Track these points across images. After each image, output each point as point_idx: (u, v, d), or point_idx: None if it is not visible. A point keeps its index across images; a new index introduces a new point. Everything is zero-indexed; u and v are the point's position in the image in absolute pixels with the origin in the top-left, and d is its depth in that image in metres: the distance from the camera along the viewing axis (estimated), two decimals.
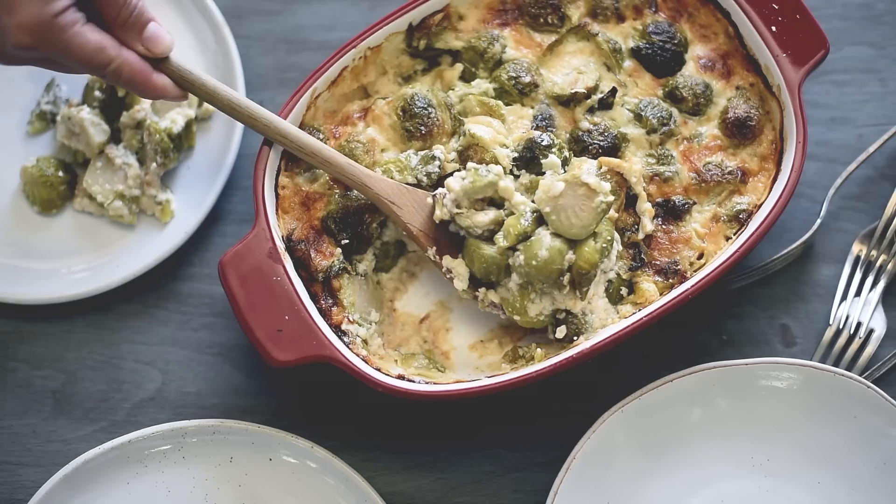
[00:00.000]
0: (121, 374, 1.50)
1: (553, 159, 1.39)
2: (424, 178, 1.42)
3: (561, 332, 1.37)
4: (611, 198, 1.35)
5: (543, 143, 1.40)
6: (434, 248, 1.39)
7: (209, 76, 1.37)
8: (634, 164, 1.42)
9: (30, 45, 1.24)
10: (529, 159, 1.40)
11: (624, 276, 1.40)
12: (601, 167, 1.40)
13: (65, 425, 1.48)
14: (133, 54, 1.30)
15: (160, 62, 1.33)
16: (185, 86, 1.35)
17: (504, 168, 1.40)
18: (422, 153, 1.42)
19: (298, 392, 1.48)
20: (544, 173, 1.39)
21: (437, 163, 1.42)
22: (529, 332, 1.44)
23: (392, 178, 1.42)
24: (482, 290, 1.38)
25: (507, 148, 1.41)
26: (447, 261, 1.39)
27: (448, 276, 1.39)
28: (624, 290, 1.39)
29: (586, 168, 1.40)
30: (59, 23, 1.24)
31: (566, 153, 1.41)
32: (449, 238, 1.40)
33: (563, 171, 1.39)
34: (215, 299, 1.52)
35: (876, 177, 1.56)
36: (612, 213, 1.37)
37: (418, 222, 1.39)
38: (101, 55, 1.27)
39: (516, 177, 1.40)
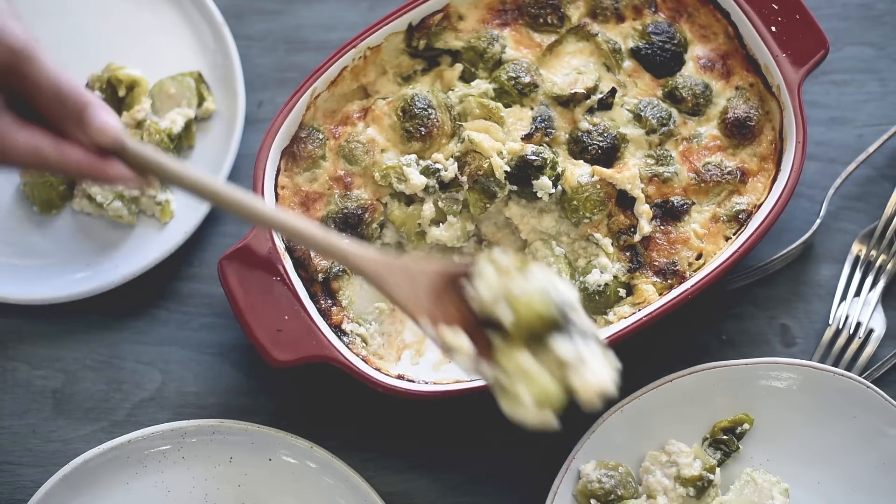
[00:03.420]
0: (121, 374, 1.50)
1: (544, 181, 1.40)
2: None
3: None
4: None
5: (535, 164, 1.40)
6: (427, 318, 1.16)
7: (173, 158, 1.19)
8: (632, 166, 1.42)
9: None
10: (522, 177, 1.41)
11: (622, 279, 1.40)
12: (593, 175, 1.40)
13: (65, 425, 1.48)
14: (76, 149, 1.13)
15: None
16: (148, 169, 1.16)
17: (499, 178, 1.40)
18: (423, 163, 1.42)
19: (298, 392, 1.48)
20: (535, 192, 1.40)
21: (437, 174, 1.42)
22: None
23: (391, 184, 1.42)
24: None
25: (504, 158, 1.41)
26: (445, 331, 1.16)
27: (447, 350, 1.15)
28: (622, 292, 1.40)
29: (578, 173, 1.40)
30: None
31: (559, 168, 1.41)
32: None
33: (554, 190, 1.40)
34: (215, 299, 1.52)
35: (876, 177, 1.56)
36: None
37: (406, 295, 1.18)
38: (37, 157, 1.11)
39: (512, 191, 1.42)
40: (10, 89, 1.10)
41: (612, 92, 1.45)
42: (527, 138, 1.43)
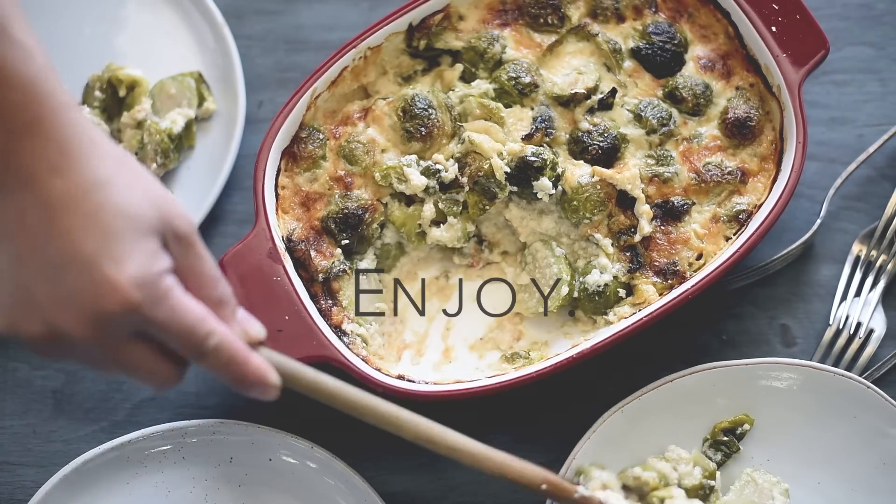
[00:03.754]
0: None
1: (544, 182, 1.40)
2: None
3: None
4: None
5: (535, 166, 1.40)
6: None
7: (308, 367, 1.20)
8: (632, 167, 1.42)
9: (137, 303, 1.03)
10: (522, 178, 1.41)
11: (622, 279, 1.40)
12: (593, 175, 1.40)
13: (65, 425, 1.48)
14: (230, 331, 1.13)
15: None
16: (282, 377, 1.18)
17: (499, 179, 1.41)
18: (423, 163, 1.42)
19: (298, 392, 1.47)
20: (535, 193, 1.40)
21: (438, 175, 1.42)
22: (529, 332, 1.44)
23: (391, 184, 1.42)
24: None
25: (504, 159, 1.41)
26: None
27: None
28: (622, 292, 1.40)
29: (579, 173, 1.40)
30: (165, 283, 1.05)
31: (560, 169, 1.41)
32: None
33: (554, 190, 1.40)
34: None
35: (876, 177, 1.56)
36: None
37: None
38: (203, 325, 1.08)
39: (512, 192, 1.42)
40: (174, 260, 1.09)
41: (613, 92, 1.45)
42: (527, 139, 1.43)
